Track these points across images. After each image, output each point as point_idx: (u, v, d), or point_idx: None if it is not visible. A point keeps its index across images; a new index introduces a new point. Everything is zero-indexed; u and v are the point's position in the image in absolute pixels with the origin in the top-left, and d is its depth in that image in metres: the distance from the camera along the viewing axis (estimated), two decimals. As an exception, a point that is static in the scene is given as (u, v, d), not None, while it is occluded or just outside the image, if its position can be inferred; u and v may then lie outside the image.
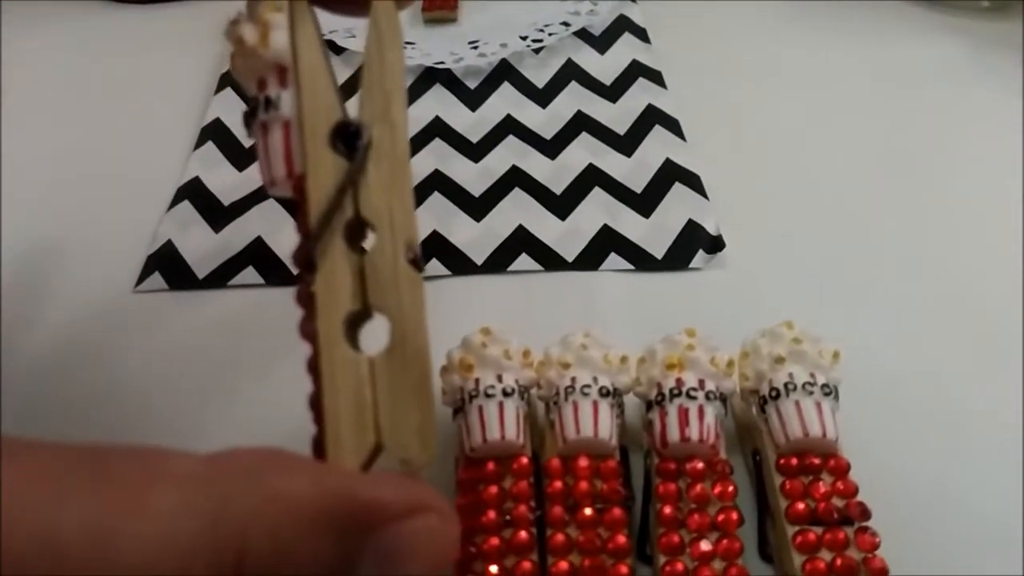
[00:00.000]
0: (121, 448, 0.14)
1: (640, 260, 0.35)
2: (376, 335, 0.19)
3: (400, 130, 0.19)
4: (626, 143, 0.40)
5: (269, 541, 0.14)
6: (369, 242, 0.19)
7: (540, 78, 0.44)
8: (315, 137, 0.19)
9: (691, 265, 0.35)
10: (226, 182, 0.38)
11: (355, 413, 0.18)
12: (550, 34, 0.46)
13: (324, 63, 0.19)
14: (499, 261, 0.35)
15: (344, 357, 0.18)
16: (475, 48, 0.45)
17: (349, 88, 0.45)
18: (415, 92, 0.44)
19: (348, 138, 0.19)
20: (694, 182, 0.38)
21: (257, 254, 0.35)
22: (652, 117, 0.41)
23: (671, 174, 0.38)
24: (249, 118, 0.20)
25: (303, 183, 0.19)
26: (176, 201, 0.38)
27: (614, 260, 0.35)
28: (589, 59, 0.46)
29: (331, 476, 0.16)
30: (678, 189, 0.38)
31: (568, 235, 0.36)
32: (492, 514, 0.24)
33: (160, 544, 0.13)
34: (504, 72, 0.45)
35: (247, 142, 0.40)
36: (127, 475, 0.14)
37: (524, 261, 0.35)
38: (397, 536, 0.15)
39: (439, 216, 0.37)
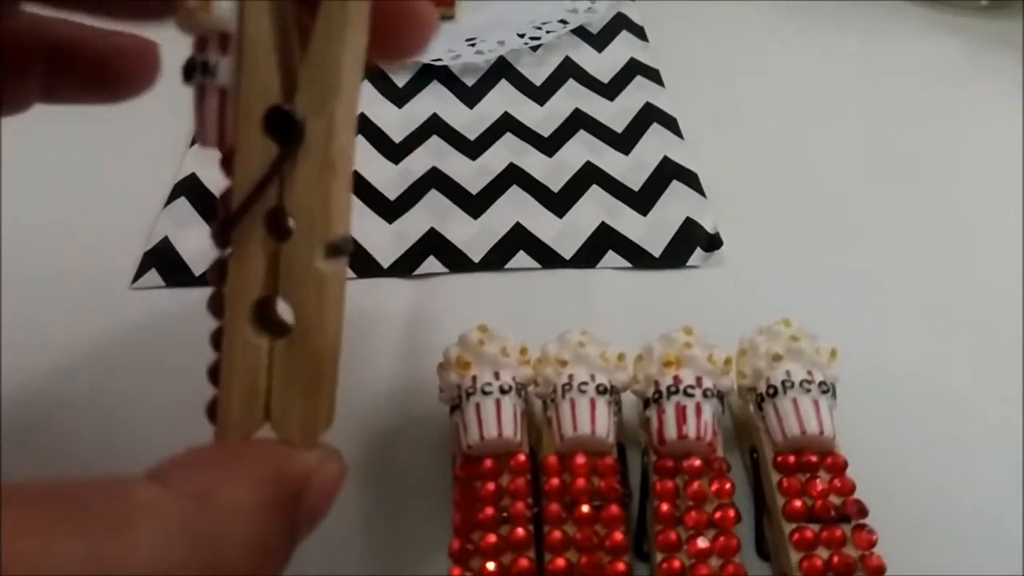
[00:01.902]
0: (94, 484, 0.15)
1: (638, 258, 0.35)
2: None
3: (338, 126, 0.18)
4: (624, 141, 0.40)
5: (246, 552, 0.15)
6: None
7: (538, 76, 0.44)
8: (249, 117, 0.18)
9: (689, 263, 0.35)
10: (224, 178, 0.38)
11: (247, 396, 0.18)
12: (548, 32, 0.46)
13: (272, 38, 0.18)
14: (496, 259, 0.35)
15: (245, 341, 0.18)
16: (473, 45, 0.45)
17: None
18: (412, 89, 0.44)
19: (281, 125, 0.18)
20: (692, 180, 0.38)
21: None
22: (650, 115, 0.41)
23: (669, 172, 0.38)
24: (188, 72, 0.19)
25: (231, 160, 0.18)
26: (173, 197, 0.38)
27: (612, 258, 0.35)
28: (587, 57, 0.45)
29: (260, 466, 0.17)
30: (676, 187, 0.38)
31: (566, 233, 0.36)
32: (489, 511, 0.24)
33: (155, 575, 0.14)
34: (502, 69, 0.45)
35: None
36: (109, 513, 0.14)
37: (521, 259, 0.35)
38: (319, 491, 0.17)
39: (436, 213, 0.37)
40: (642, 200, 0.37)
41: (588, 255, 0.35)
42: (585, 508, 0.24)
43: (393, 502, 0.27)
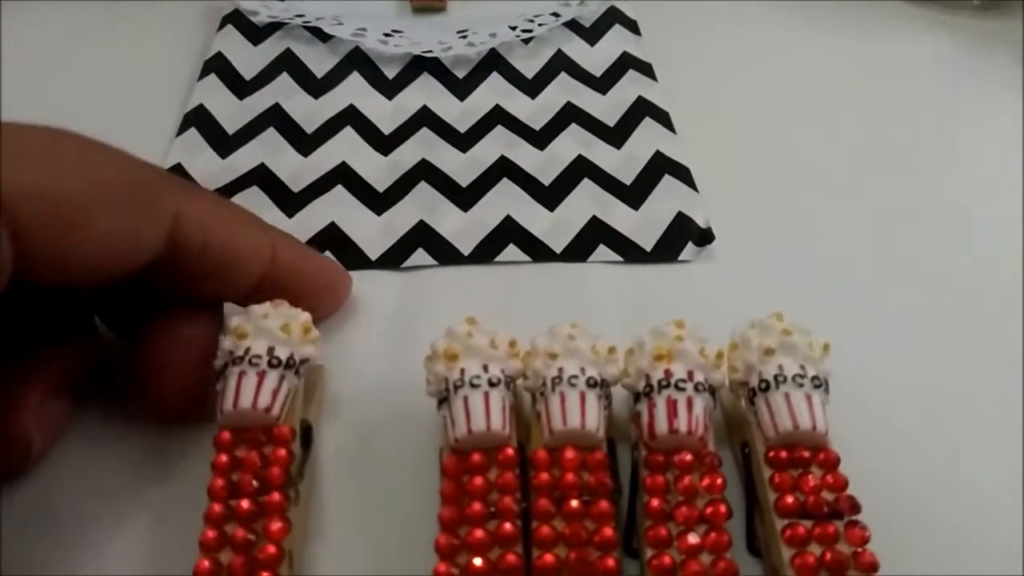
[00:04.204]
0: None
1: (629, 252, 0.34)
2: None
3: None
4: (616, 135, 0.40)
5: None
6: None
7: (529, 68, 0.44)
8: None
9: (680, 257, 0.34)
10: (209, 169, 0.38)
11: None
12: (540, 24, 0.45)
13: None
14: (486, 251, 0.34)
15: None
16: (464, 37, 0.45)
17: (335, 76, 0.44)
18: (403, 81, 0.43)
19: (307, 434, 0.26)
20: (684, 174, 0.38)
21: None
22: (642, 109, 0.41)
23: (661, 166, 0.38)
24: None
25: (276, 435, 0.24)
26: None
27: (603, 252, 0.34)
28: (579, 50, 0.45)
29: None
30: (668, 181, 0.37)
31: (556, 226, 0.35)
32: (477, 505, 0.23)
33: None
34: (493, 62, 0.44)
35: (231, 128, 0.39)
36: None
37: (512, 252, 0.34)
38: None
39: (426, 206, 0.36)
40: (634, 194, 0.37)
41: (579, 249, 0.35)
42: (574, 503, 0.23)
43: (379, 496, 0.26)
